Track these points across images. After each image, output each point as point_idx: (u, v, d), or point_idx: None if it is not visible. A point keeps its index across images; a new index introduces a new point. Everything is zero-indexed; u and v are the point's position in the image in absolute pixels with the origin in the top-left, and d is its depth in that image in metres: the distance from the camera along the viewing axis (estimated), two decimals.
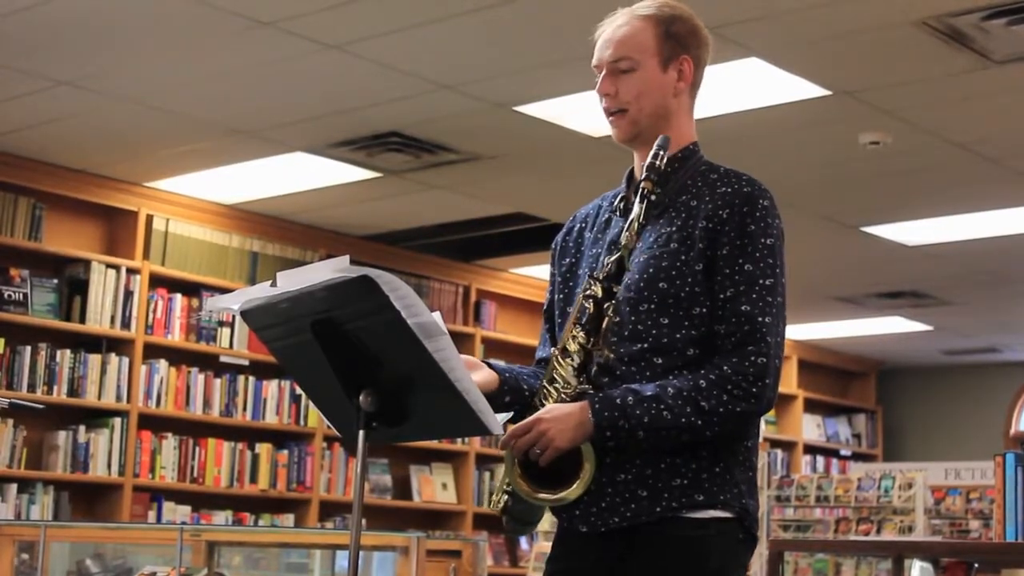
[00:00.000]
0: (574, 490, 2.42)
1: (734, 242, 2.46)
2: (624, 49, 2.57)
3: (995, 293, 9.45)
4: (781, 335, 2.48)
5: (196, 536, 4.59)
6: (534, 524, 2.55)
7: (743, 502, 2.47)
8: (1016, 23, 4.86)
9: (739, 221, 2.46)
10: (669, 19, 2.59)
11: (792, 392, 11.67)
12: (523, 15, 4.95)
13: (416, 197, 7.43)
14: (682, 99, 2.61)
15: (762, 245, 2.47)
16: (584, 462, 2.41)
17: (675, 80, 2.58)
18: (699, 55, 2.62)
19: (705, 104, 5.95)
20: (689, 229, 2.48)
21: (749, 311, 2.42)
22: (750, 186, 2.51)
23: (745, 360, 2.41)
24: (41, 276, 7.07)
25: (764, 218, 2.49)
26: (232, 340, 7.77)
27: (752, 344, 2.41)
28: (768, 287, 2.45)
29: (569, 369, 2.47)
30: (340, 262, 2.23)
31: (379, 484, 8.52)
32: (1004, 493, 4.35)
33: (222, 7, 4.96)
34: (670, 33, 2.58)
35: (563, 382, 2.47)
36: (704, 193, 2.51)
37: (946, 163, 6.58)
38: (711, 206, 2.48)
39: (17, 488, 6.84)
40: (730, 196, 2.49)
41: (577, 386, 2.46)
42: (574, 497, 2.42)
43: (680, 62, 2.58)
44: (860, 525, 8.58)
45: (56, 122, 6.38)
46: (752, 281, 2.44)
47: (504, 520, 2.53)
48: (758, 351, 2.41)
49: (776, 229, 2.51)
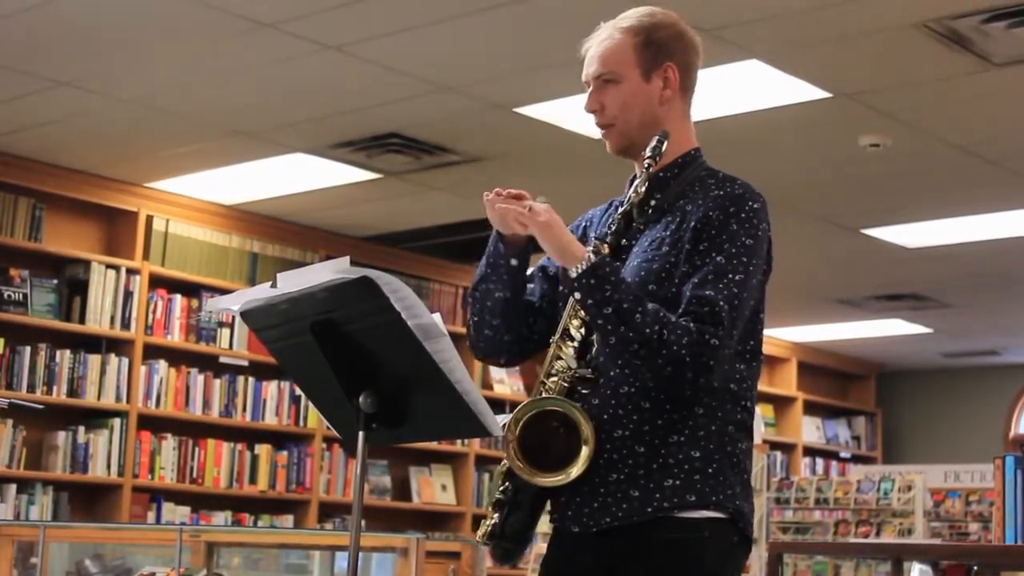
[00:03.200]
0: (573, 471, 2.43)
1: (714, 239, 2.45)
2: (606, 63, 2.59)
3: (995, 296, 9.46)
4: (736, 328, 2.44)
5: (195, 537, 4.59)
6: (524, 544, 2.55)
7: (737, 504, 2.46)
8: (1016, 26, 4.86)
9: (723, 220, 2.46)
10: (650, 28, 2.59)
11: (792, 394, 11.67)
12: (523, 17, 4.96)
13: (416, 198, 7.43)
14: (672, 106, 2.60)
15: (740, 243, 2.45)
16: (582, 445, 2.43)
17: (660, 89, 2.58)
18: (686, 60, 2.61)
19: (705, 106, 5.96)
20: (680, 232, 2.49)
21: (712, 296, 2.40)
22: (742, 189, 2.52)
23: (703, 335, 2.38)
24: (41, 276, 7.07)
25: (750, 219, 2.48)
26: (232, 341, 7.77)
27: (709, 324, 2.38)
28: (737, 282, 2.43)
29: (570, 351, 2.50)
30: (340, 263, 2.24)
31: (378, 485, 8.52)
32: (1003, 496, 4.34)
33: (223, 8, 4.96)
34: (651, 41, 2.58)
35: (564, 367, 2.50)
36: (699, 197, 2.52)
37: (946, 165, 6.58)
38: (703, 209, 2.49)
39: (16, 488, 6.84)
40: (721, 199, 2.49)
41: (577, 370, 2.49)
42: (573, 478, 2.43)
43: (664, 70, 2.58)
44: (859, 527, 8.59)
45: (56, 123, 6.38)
46: (721, 273, 2.43)
47: (491, 547, 2.54)
48: (713, 332, 2.38)
49: (760, 231, 2.49)
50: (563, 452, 2.45)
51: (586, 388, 2.50)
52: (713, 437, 2.45)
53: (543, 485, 2.47)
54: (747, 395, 2.52)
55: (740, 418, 2.50)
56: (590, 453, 2.43)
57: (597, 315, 2.40)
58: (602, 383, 2.48)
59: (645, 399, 2.45)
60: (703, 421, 2.45)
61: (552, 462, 2.46)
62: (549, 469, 2.46)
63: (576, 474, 2.44)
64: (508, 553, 2.54)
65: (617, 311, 2.38)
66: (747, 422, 2.53)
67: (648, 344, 2.36)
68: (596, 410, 2.47)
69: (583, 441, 2.43)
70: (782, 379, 11.73)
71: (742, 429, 2.52)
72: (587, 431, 2.43)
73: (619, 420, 2.46)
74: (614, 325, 2.38)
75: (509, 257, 2.60)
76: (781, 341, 11.49)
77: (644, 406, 2.45)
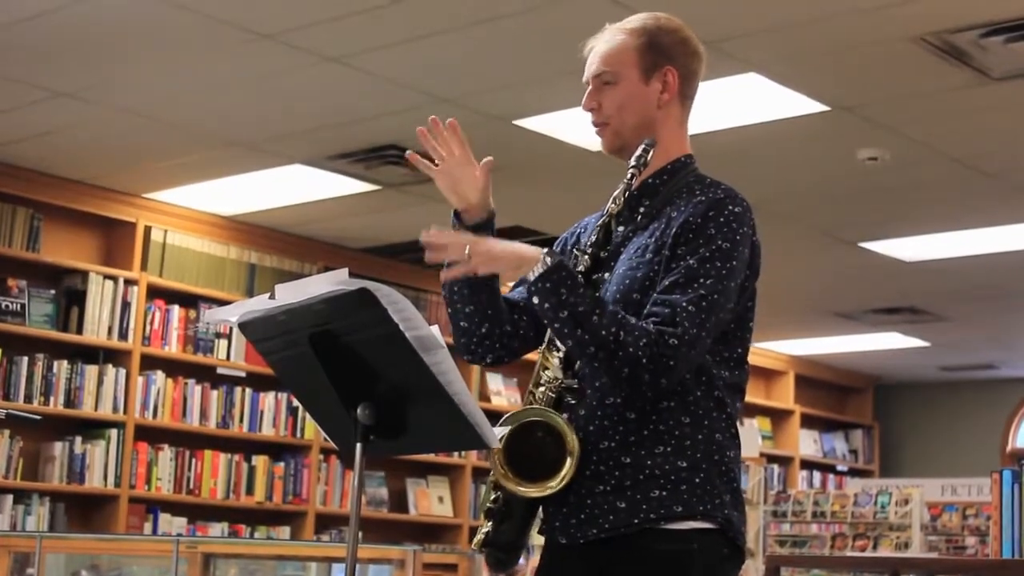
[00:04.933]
0: (557, 483, 2.43)
1: (691, 243, 2.43)
2: (606, 63, 2.58)
3: (992, 309, 9.46)
4: (706, 330, 2.38)
5: (192, 548, 4.58)
6: (517, 553, 2.55)
7: (726, 513, 2.43)
8: (1014, 40, 4.87)
9: (701, 224, 2.44)
10: (654, 31, 2.58)
11: (789, 407, 11.67)
12: (522, 29, 4.96)
13: (414, 210, 7.43)
14: (669, 110, 2.59)
15: (715, 247, 2.42)
16: (567, 456, 2.42)
17: (659, 91, 2.57)
18: (687, 65, 2.60)
19: (704, 119, 5.98)
20: (663, 239, 2.47)
21: (676, 298, 2.38)
22: (724, 193, 2.49)
23: (663, 336, 2.35)
24: (39, 287, 7.07)
25: (729, 223, 2.45)
26: (229, 352, 7.77)
27: (669, 325, 2.35)
28: (707, 285, 2.39)
29: (556, 361, 2.49)
30: (339, 275, 2.23)
31: (375, 497, 8.51)
32: (1001, 510, 4.34)
33: (222, 19, 4.97)
34: (653, 44, 2.57)
35: (551, 377, 2.49)
36: (683, 203, 2.50)
37: (944, 179, 6.59)
38: (684, 215, 2.47)
39: (13, 499, 6.84)
40: (702, 204, 2.47)
41: (564, 380, 2.48)
42: (557, 489, 2.42)
43: (664, 73, 2.57)
44: (856, 541, 8.58)
45: (55, 133, 6.38)
46: (692, 276, 2.40)
47: (485, 554, 2.53)
48: (673, 333, 2.35)
49: (739, 235, 2.45)
50: (549, 463, 2.44)
51: (573, 398, 2.49)
52: (700, 446, 2.43)
53: (528, 496, 2.47)
54: (734, 403, 2.50)
55: (727, 426, 2.48)
56: (575, 464, 2.42)
57: (554, 319, 2.38)
58: (588, 394, 2.47)
59: (631, 410, 2.43)
60: (689, 431, 2.43)
61: (537, 473, 2.45)
62: (534, 480, 2.45)
63: (560, 486, 2.43)
64: (501, 562, 2.53)
65: (573, 314, 2.36)
66: (734, 430, 2.50)
67: (604, 346, 2.34)
68: (582, 421, 2.46)
69: (568, 452, 2.43)
70: (779, 392, 11.72)
71: (730, 437, 2.48)
72: (572, 442, 2.42)
73: (605, 431, 2.44)
74: (570, 328, 2.36)
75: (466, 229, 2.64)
76: (779, 354, 11.49)
77: (630, 417, 2.43)
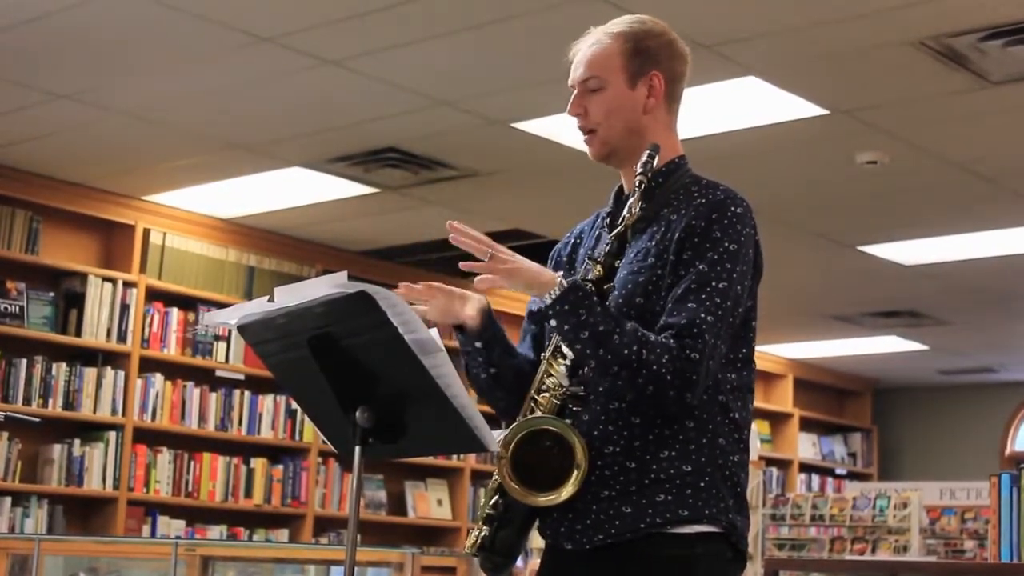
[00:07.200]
0: (566, 491, 2.42)
1: (697, 247, 2.43)
2: (592, 68, 2.58)
3: (991, 313, 9.46)
4: (721, 338, 2.40)
5: (190, 551, 4.58)
6: (513, 558, 2.54)
7: (730, 517, 2.43)
8: (1013, 44, 4.88)
9: (705, 227, 2.44)
10: (639, 35, 2.57)
11: (787, 410, 11.67)
12: (521, 32, 4.97)
13: (413, 213, 7.44)
14: (656, 115, 2.57)
15: (723, 249, 2.42)
16: (575, 464, 2.42)
17: (644, 97, 2.56)
18: (673, 69, 2.58)
19: (702, 123, 5.98)
20: (665, 243, 2.46)
21: (693, 308, 2.37)
22: (724, 194, 2.49)
23: (684, 350, 2.35)
24: (38, 289, 7.07)
25: (733, 224, 2.45)
26: (228, 354, 7.77)
27: (689, 338, 2.35)
28: (720, 290, 2.39)
29: (562, 368, 2.48)
30: (338, 277, 2.23)
31: (374, 500, 8.51)
32: (999, 513, 4.34)
33: (221, 22, 4.97)
34: (639, 49, 2.56)
35: (555, 384, 2.48)
36: (682, 206, 2.50)
37: (943, 183, 6.59)
38: (686, 219, 2.46)
39: (11, 501, 6.84)
40: (704, 207, 2.47)
41: (569, 387, 2.47)
42: (565, 497, 2.42)
43: (650, 78, 2.56)
44: (855, 544, 8.58)
45: (54, 135, 6.39)
46: (704, 282, 2.39)
47: (480, 559, 2.53)
48: (693, 346, 2.35)
49: (743, 236, 2.46)
50: (556, 471, 2.43)
51: (577, 405, 2.48)
52: (704, 450, 2.42)
53: (537, 505, 2.46)
54: (739, 406, 2.49)
55: (731, 430, 2.47)
56: (583, 474, 2.42)
57: (574, 340, 2.38)
58: (592, 399, 2.46)
59: (635, 414, 2.42)
60: (694, 435, 2.42)
61: (545, 481, 2.44)
62: (542, 488, 2.44)
63: (568, 494, 2.42)
64: (497, 567, 2.52)
65: (594, 335, 2.35)
66: (740, 434, 2.50)
67: (628, 365, 2.33)
68: (586, 427, 2.45)
69: (576, 464, 2.42)
70: (778, 395, 11.72)
71: (735, 441, 2.48)
72: (580, 455, 2.41)
73: (609, 436, 2.44)
74: (592, 349, 2.36)
75: (473, 342, 2.60)
76: (777, 357, 11.49)
77: (634, 422, 2.43)
